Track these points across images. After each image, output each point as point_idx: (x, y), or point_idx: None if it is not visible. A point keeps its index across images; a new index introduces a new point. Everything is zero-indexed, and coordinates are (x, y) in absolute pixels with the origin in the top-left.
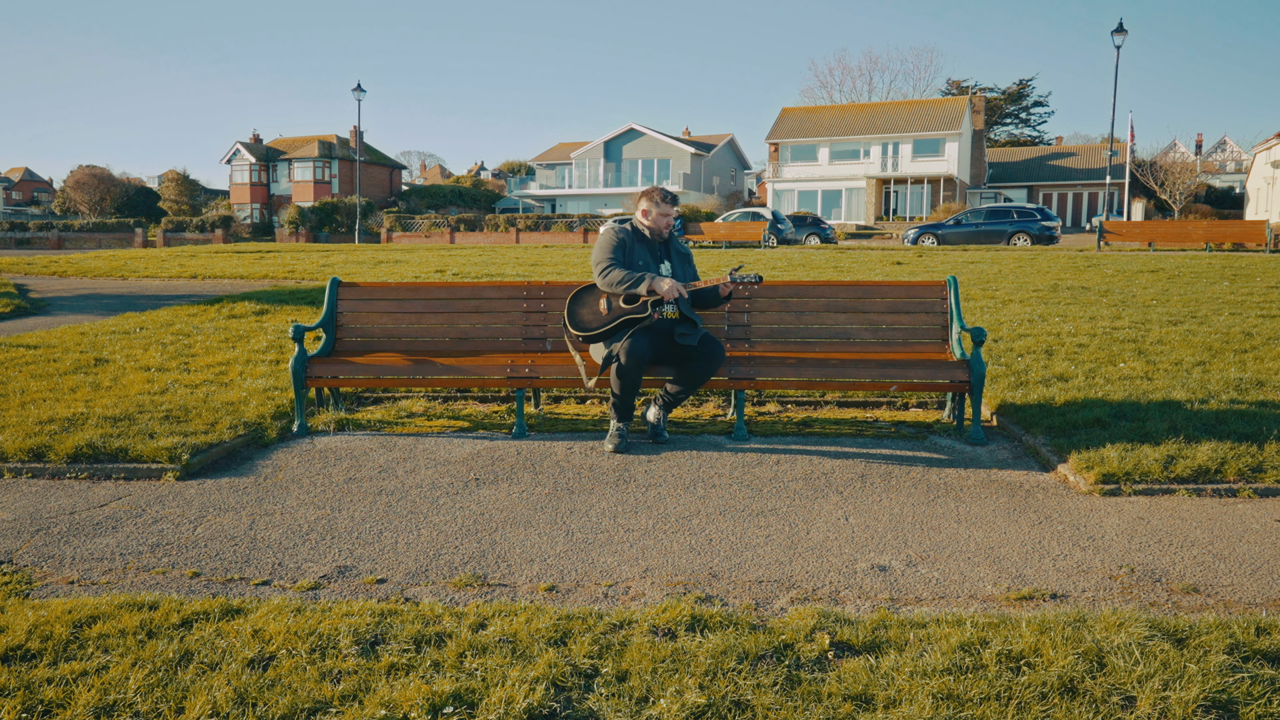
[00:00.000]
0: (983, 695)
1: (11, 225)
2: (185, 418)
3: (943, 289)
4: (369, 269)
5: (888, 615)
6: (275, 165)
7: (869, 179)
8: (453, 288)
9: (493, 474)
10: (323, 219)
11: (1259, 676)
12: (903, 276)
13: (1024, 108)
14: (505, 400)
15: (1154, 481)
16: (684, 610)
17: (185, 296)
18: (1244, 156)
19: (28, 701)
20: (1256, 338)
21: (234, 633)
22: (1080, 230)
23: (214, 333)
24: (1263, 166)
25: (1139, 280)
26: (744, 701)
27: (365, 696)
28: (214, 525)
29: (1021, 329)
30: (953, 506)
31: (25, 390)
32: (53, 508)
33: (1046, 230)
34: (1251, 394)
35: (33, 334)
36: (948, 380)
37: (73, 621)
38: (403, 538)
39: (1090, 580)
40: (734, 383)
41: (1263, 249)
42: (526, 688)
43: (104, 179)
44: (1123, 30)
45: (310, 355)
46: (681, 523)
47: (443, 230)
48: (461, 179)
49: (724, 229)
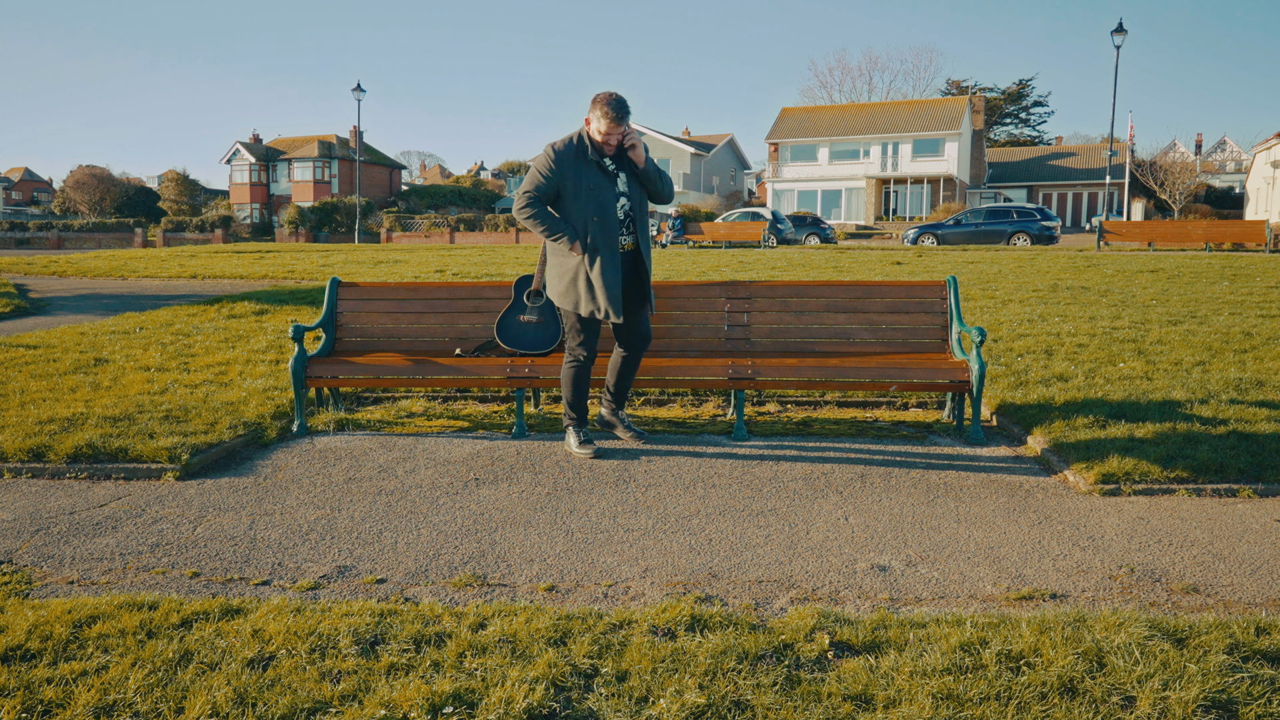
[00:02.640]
0: (982, 695)
1: (11, 225)
2: (185, 418)
3: (942, 289)
4: (369, 269)
5: (887, 615)
6: (275, 165)
7: (869, 179)
8: (452, 288)
9: (493, 474)
10: (322, 219)
11: (1259, 676)
12: (903, 276)
13: (1024, 108)
14: (505, 400)
15: (1154, 481)
16: (684, 610)
17: (185, 296)
18: (1244, 156)
19: (28, 701)
20: (1256, 338)
21: (234, 633)
22: (1080, 230)
23: (214, 333)
24: (1262, 166)
25: (1139, 280)
26: (744, 701)
27: (365, 696)
28: (214, 525)
29: (1021, 329)
30: (953, 506)
31: (25, 390)
32: (52, 508)
33: (1046, 230)
34: (1251, 394)
35: (32, 334)
36: (947, 380)
37: (72, 621)
38: (402, 538)
39: (1090, 580)
40: (734, 383)
41: (1262, 249)
42: (526, 688)
43: (104, 179)
44: (1122, 30)
45: (310, 355)
46: (681, 523)
47: (442, 230)
48: (461, 179)
49: (724, 229)
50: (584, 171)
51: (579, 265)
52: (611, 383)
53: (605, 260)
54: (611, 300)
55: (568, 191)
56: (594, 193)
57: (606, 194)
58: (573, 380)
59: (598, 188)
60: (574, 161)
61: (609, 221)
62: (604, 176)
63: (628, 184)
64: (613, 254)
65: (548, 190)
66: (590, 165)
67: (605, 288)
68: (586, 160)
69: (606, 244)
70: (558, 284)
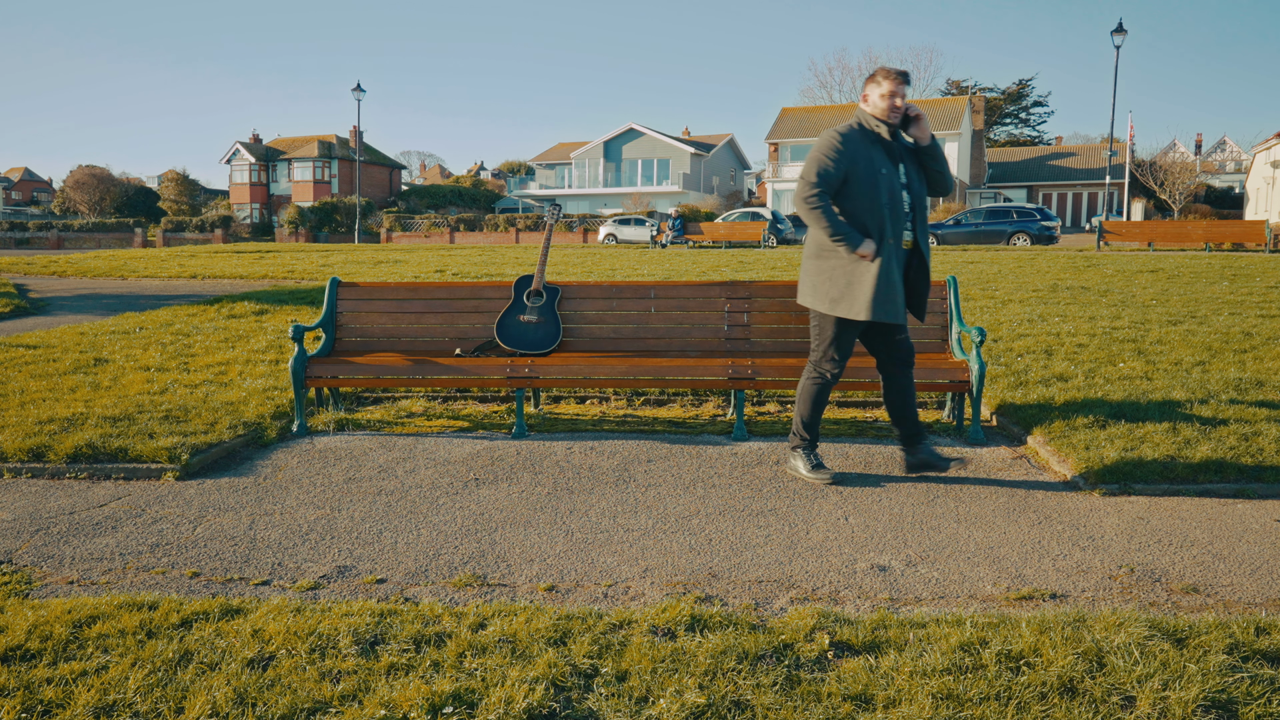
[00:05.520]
0: (982, 695)
1: (11, 225)
2: (185, 418)
3: (942, 289)
4: (369, 269)
5: (887, 615)
6: (275, 165)
7: None
8: (452, 288)
9: (492, 474)
10: (322, 219)
11: (1259, 676)
12: None
13: (1024, 108)
14: (505, 400)
15: (1154, 481)
16: (684, 610)
17: (185, 296)
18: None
19: (27, 701)
20: (1256, 338)
21: (234, 633)
22: (1080, 230)
23: (214, 333)
24: (1262, 166)
25: (1138, 280)
26: (744, 701)
27: (365, 696)
28: (214, 525)
29: (1021, 329)
30: (952, 506)
31: (25, 390)
32: (52, 508)
33: (1046, 230)
34: (1251, 394)
35: (32, 334)
36: (947, 380)
37: (72, 621)
38: (402, 538)
39: (1090, 580)
40: (734, 383)
41: (1262, 249)
42: (526, 688)
43: (104, 179)
44: (1122, 30)
45: (310, 355)
46: (681, 523)
47: (442, 230)
48: (461, 179)
49: (724, 229)
50: (875, 156)
51: (856, 265)
52: (897, 415)
53: (893, 258)
54: (895, 303)
55: (857, 178)
56: (886, 179)
57: (895, 181)
58: (814, 397)
59: (890, 174)
60: (863, 144)
61: (899, 213)
62: (892, 163)
63: (907, 174)
64: (900, 251)
65: (836, 178)
66: (879, 150)
67: (892, 289)
68: (874, 144)
69: (896, 239)
70: (828, 288)
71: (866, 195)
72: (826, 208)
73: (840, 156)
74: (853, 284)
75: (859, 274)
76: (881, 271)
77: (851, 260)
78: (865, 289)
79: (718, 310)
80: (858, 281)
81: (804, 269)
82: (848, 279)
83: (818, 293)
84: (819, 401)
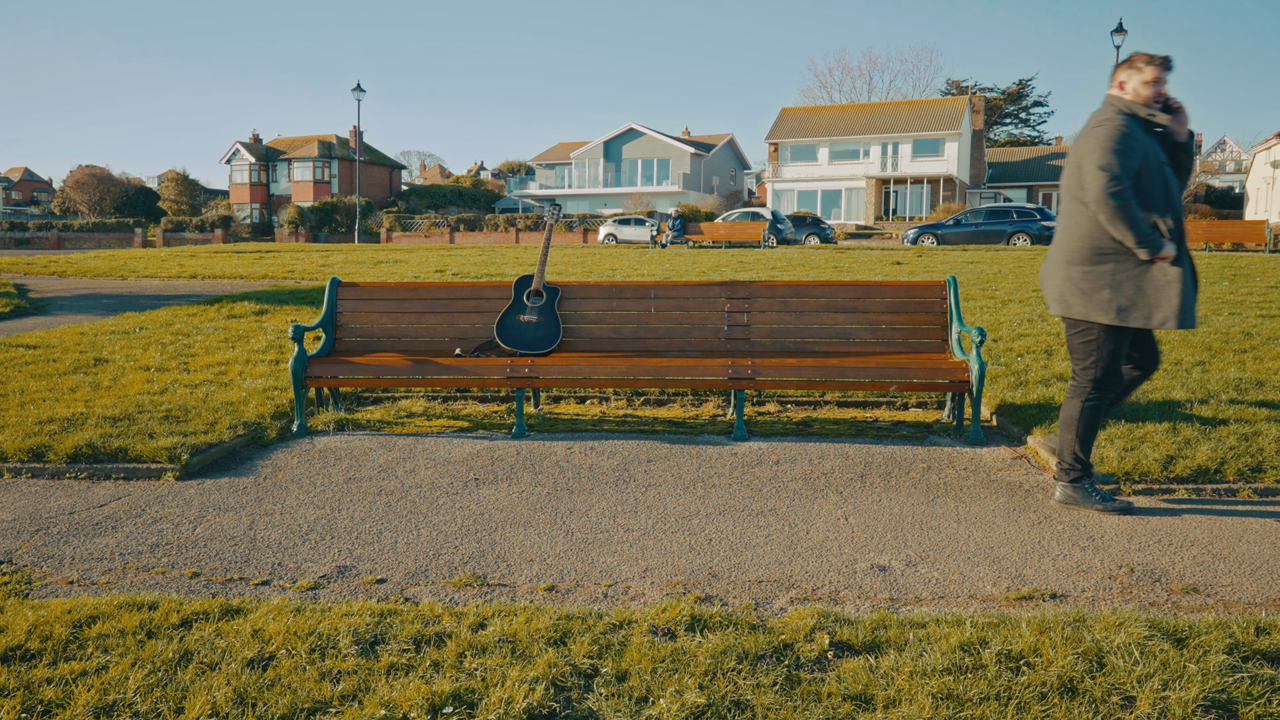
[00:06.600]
0: (982, 695)
1: (11, 225)
2: (185, 418)
3: (942, 289)
4: (369, 269)
5: (887, 615)
6: (275, 165)
7: (869, 179)
8: (452, 288)
9: (492, 474)
10: (322, 219)
11: (1259, 676)
12: (902, 276)
13: (1024, 108)
14: (505, 400)
15: (1153, 481)
16: (684, 610)
17: (185, 296)
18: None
19: (27, 701)
20: (1256, 338)
21: (234, 633)
22: None
23: (213, 333)
24: (1262, 166)
25: None
26: (744, 701)
27: (365, 696)
28: (214, 525)
29: (1021, 329)
30: (952, 506)
31: (25, 390)
32: (52, 508)
33: (1046, 230)
34: (1251, 394)
35: (32, 334)
36: (947, 380)
37: (72, 621)
38: (402, 538)
39: (1090, 580)
40: (734, 383)
41: (1262, 249)
42: (526, 688)
43: (104, 179)
44: (1122, 30)
45: (310, 355)
46: (681, 523)
47: (442, 230)
48: (461, 179)
49: (724, 229)
50: (1153, 148)
51: (1145, 269)
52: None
53: (1184, 257)
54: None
55: (1148, 172)
56: (1170, 174)
57: (1171, 176)
58: (1089, 420)
59: (1168, 168)
60: (1144, 135)
61: (1178, 208)
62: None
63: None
64: (1184, 249)
65: (1135, 171)
66: (1154, 141)
67: (1185, 290)
68: (1149, 134)
69: (1179, 236)
70: (1113, 297)
71: (1158, 191)
72: (1134, 205)
73: (1133, 148)
74: (1146, 291)
75: (1155, 279)
76: (1180, 274)
77: (1137, 264)
78: (1171, 296)
79: (718, 310)
80: (1156, 288)
81: (1060, 275)
82: (1137, 285)
83: (1092, 302)
84: (1093, 424)
